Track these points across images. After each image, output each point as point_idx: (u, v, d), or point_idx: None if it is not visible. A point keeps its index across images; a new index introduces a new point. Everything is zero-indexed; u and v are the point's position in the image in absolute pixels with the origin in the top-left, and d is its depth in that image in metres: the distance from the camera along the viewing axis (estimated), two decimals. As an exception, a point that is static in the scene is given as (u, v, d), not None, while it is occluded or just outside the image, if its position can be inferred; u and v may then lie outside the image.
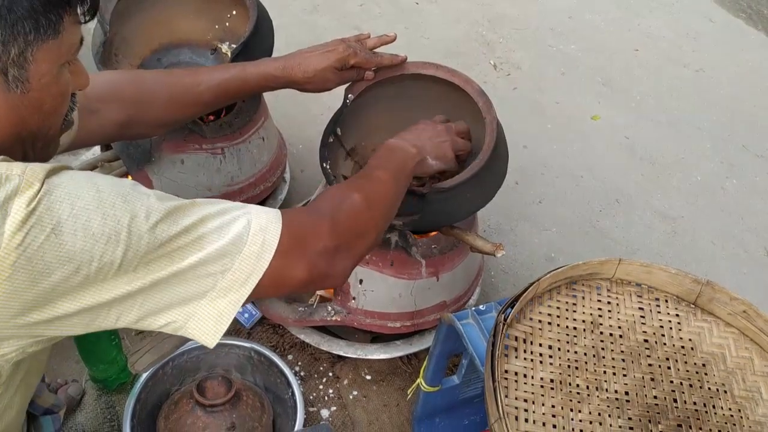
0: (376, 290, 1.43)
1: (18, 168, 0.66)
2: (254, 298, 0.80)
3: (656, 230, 2.06)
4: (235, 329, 1.61)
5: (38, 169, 0.66)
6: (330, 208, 0.89)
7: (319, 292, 1.52)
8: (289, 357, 1.58)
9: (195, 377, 1.45)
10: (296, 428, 1.37)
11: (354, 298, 1.44)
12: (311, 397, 1.52)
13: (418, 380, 1.36)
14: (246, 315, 1.62)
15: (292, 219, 0.83)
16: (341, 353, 1.51)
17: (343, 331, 1.57)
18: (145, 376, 1.40)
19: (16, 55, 0.70)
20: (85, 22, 0.77)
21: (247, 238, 0.76)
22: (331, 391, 1.54)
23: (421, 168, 1.15)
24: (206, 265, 0.73)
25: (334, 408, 1.51)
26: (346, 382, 1.55)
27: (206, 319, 0.75)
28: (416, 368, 1.59)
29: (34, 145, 0.78)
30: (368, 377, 1.57)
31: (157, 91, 1.16)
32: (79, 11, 0.74)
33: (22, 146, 0.77)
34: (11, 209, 0.63)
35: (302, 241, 0.82)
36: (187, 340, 1.40)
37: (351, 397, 1.53)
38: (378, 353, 1.51)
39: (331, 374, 1.57)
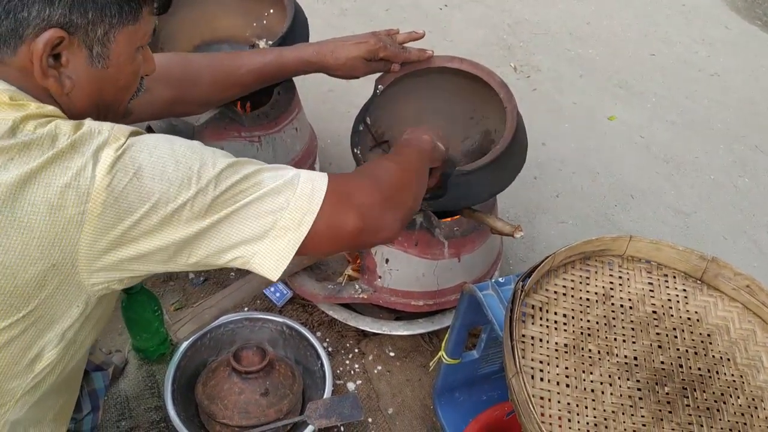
0: (401, 269, 1.52)
1: (107, 125, 0.79)
2: (314, 251, 0.89)
3: (669, 225, 2.14)
4: (267, 307, 1.71)
5: (124, 127, 0.80)
6: (370, 171, 1.02)
7: (347, 272, 1.62)
8: (318, 334, 1.67)
9: (231, 349, 1.55)
10: (324, 396, 1.46)
11: (380, 277, 1.54)
12: (338, 371, 1.62)
13: (440, 353, 1.45)
14: (278, 294, 1.72)
15: (337, 176, 0.93)
16: (367, 329, 1.60)
17: (369, 311, 1.66)
18: (185, 345, 1.50)
19: (102, 34, 0.82)
20: (158, 14, 0.90)
21: (299, 182, 0.86)
22: (356, 366, 1.63)
23: (436, 152, 1.22)
24: (265, 202, 0.83)
25: (360, 381, 1.61)
26: (371, 357, 1.65)
27: (269, 255, 0.84)
28: (437, 347, 1.68)
29: (106, 116, 0.90)
30: (392, 354, 1.66)
31: (202, 73, 1.27)
32: (155, 4, 0.88)
33: (96, 115, 0.88)
34: (101, 156, 0.76)
35: (348, 193, 0.91)
36: (225, 312, 1.51)
37: (375, 371, 1.62)
38: (401, 330, 1.60)
39: (357, 350, 1.66)
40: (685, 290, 1.26)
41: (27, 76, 0.80)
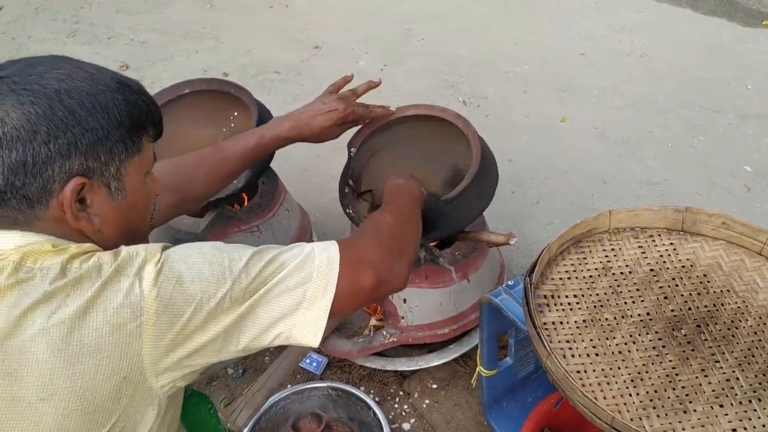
0: (420, 304, 1.64)
1: (141, 247, 0.89)
2: (341, 311, 0.99)
3: (645, 198, 2.29)
4: (308, 378, 1.80)
5: (156, 245, 0.91)
6: (371, 230, 1.13)
7: (372, 322, 1.73)
8: (362, 388, 1.77)
9: (287, 424, 1.63)
10: (386, 441, 1.55)
11: (403, 317, 1.65)
12: (390, 416, 1.70)
13: (477, 368, 1.55)
14: (314, 364, 1.82)
15: (346, 243, 1.03)
16: (405, 369, 1.70)
17: (401, 353, 1.76)
18: (245, 432, 1.59)
19: (115, 171, 0.92)
20: (155, 140, 1.00)
21: (315, 256, 0.98)
22: (405, 406, 1.73)
23: (422, 194, 1.39)
24: (291, 279, 0.94)
25: (413, 420, 1.69)
26: (416, 395, 1.74)
27: (306, 325, 0.96)
28: (473, 368, 1.78)
29: (134, 239, 1.01)
30: (434, 386, 1.75)
31: (195, 173, 1.38)
32: (151, 133, 0.98)
33: (126, 241, 0.99)
34: (144, 274, 0.86)
35: (359, 255, 1.03)
36: (273, 391, 1.61)
37: (424, 406, 1.71)
38: (436, 360, 1.70)
39: (401, 393, 1.75)
40: (672, 243, 1.39)
41: (62, 224, 0.89)
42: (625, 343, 1.22)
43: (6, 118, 0.83)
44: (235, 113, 1.87)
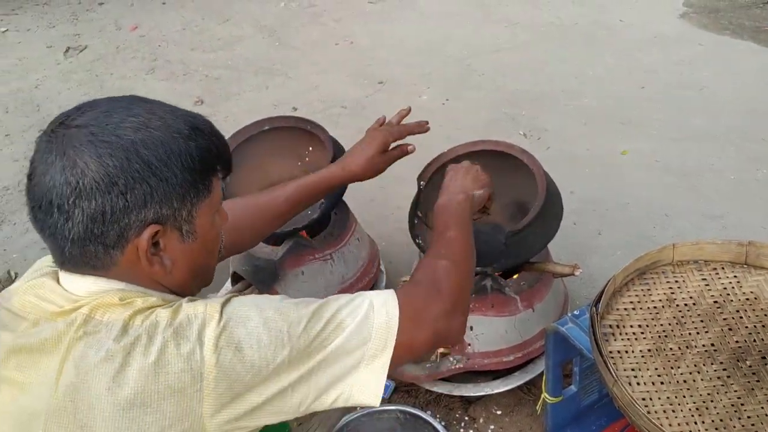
0: (486, 332, 1.70)
1: (201, 306, 0.90)
2: (396, 365, 0.99)
3: (708, 230, 2.31)
4: (377, 401, 1.88)
5: (215, 304, 0.91)
6: (429, 278, 1.10)
7: (439, 349, 1.80)
8: (428, 412, 1.83)
9: (358, 444, 1.71)
10: (453, 463, 1.61)
11: (469, 344, 1.72)
12: (456, 440, 1.77)
13: (542, 395, 1.60)
14: (382, 387, 1.90)
15: (405, 293, 1.04)
16: (471, 394, 1.77)
17: (467, 379, 1.83)
18: (319, 451, 1.67)
19: (186, 215, 0.94)
20: (224, 177, 1.02)
21: (374, 313, 0.98)
22: (471, 431, 1.78)
23: (474, 203, 1.35)
24: (351, 341, 0.95)
25: (478, 444, 1.75)
26: (481, 420, 1.80)
27: (366, 384, 0.96)
28: (537, 396, 1.82)
29: (203, 278, 1.04)
30: (499, 412, 1.81)
31: (243, 216, 1.38)
32: (221, 172, 1.00)
33: (194, 282, 1.02)
34: (205, 338, 0.87)
35: (418, 311, 1.03)
36: (347, 412, 1.69)
37: (489, 431, 1.77)
38: (502, 386, 1.76)
39: (467, 418, 1.82)
40: (735, 276, 1.43)
41: (135, 268, 0.93)
42: (690, 373, 1.26)
43: (86, 169, 0.86)
44: (310, 148, 1.99)
